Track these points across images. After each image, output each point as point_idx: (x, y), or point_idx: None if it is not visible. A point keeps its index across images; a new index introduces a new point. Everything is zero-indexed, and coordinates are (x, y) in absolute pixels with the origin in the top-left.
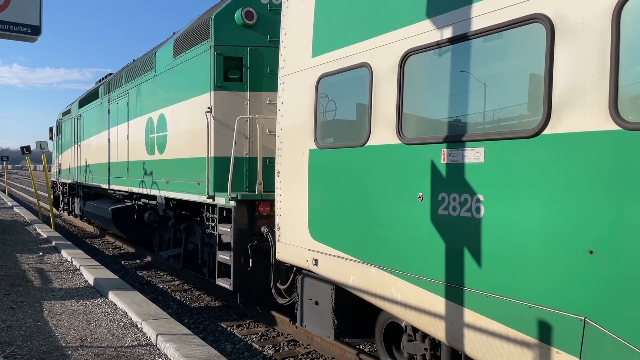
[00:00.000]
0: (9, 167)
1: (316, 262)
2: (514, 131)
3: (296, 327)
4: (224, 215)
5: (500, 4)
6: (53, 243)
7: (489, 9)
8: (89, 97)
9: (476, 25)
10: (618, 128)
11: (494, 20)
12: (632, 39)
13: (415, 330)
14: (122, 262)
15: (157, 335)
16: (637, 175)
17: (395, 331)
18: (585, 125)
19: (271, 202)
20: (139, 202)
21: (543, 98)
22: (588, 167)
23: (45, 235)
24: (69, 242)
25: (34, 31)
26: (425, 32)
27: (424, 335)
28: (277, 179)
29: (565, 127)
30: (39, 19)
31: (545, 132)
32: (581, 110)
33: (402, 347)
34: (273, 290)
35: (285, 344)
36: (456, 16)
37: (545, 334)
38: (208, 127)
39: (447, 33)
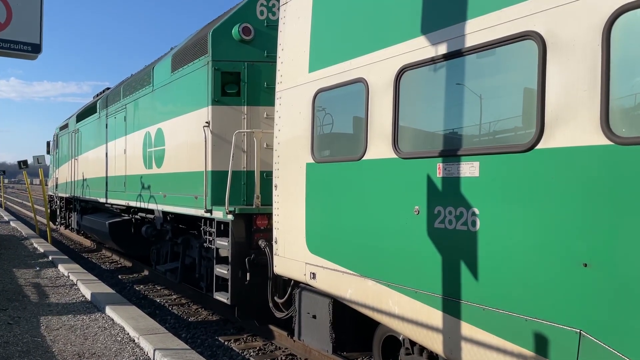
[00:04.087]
0: (6, 181)
1: (314, 275)
2: (508, 145)
3: (294, 341)
4: (222, 229)
5: (493, 22)
6: (50, 257)
7: (482, 26)
8: (87, 112)
9: (470, 41)
10: (609, 142)
11: (487, 37)
12: (621, 55)
13: (413, 343)
14: (119, 276)
15: (154, 350)
16: (628, 188)
17: (393, 344)
18: (577, 140)
19: (269, 216)
20: (136, 216)
21: (536, 113)
22: (581, 181)
23: (42, 250)
24: (66, 257)
25: (35, 49)
26: (420, 48)
27: (422, 349)
28: (274, 192)
29: (558, 142)
30: (39, 37)
31: (539, 146)
32: (573, 125)
33: None
34: (271, 304)
35: (283, 358)
36: (450, 33)
37: (541, 346)
38: (206, 141)
39: (442, 49)
